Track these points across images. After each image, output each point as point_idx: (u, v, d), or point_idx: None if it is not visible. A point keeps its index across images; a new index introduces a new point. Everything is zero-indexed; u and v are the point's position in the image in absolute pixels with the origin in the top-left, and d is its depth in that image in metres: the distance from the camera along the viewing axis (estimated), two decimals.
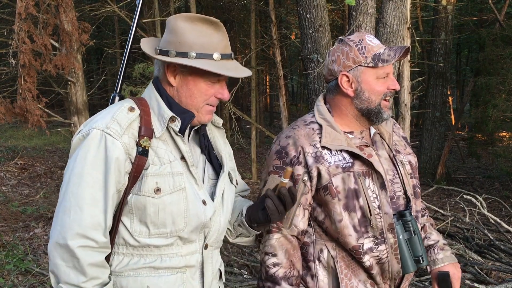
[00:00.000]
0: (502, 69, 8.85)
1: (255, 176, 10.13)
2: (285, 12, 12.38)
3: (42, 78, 8.07)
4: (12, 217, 6.42)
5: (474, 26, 12.58)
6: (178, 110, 1.47)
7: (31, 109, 5.81)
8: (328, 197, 1.66)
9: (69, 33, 6.43)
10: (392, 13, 3.89)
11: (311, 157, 1.67)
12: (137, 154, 1.38)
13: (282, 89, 9.38)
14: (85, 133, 1.39)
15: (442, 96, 10.40)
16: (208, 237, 1.51)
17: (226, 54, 1.46)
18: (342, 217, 1.65)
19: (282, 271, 1.69)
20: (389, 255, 1.68)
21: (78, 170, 1.35)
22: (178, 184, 1.42)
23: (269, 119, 19.93)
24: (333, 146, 1.67)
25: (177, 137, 1.46)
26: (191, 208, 1.43)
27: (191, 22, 1.44)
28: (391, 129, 1.84)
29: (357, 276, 1.71)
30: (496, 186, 9.57)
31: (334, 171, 1.66)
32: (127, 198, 1.40)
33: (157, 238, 1.42)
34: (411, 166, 1.82)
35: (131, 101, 1.48)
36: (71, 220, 1.33)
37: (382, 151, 1.77)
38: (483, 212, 5.02)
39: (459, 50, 20.21)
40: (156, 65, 1.53)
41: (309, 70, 4.19)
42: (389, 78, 1.71)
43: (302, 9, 4.19)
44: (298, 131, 1.73)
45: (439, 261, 1.85)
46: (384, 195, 1.68)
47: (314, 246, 1.73)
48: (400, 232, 1.69)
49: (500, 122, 9.14)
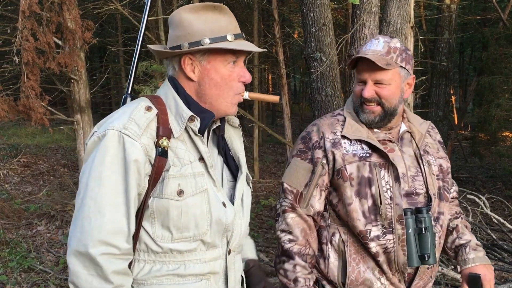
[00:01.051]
0: (505, 69, 8.82)
1: (257, 175, 10.13)
2: (288, 11, 12.35)
3: (45, 76, 8.08)
4: (15, 214, 6.44)
5: (477, 25, 12.54)
6: (197, 109, 1.42)
7: (34, 106, 5.81)
8: (340, 180, 1.75)
9: (72, 31, 6.43)
10: (396, 12, 3.88)
11: (329, 142, 1.79)
12: (157, 155, 1.33)
13: (284, 88, 9.37)
14: (100, 134, 1.33)
15: (445, 95, 10.37)
16: (231, 241, 1.46)
17: (238, 34, 1.43)
18: (352, 201, 1.73)
19: (297, 247, 1.78)
20: (395, 246, 1.72)
21: (96, 174, 1.29)
22: (200, 186, 1.37)
23: (271, 118, 19.92)
24: (352, 136, 1.77)
25: (196, 138, 1.41)
26: (213, 210, 1.39)
27: (195, 12, 1.40)
28: (425, 130, 1.90)
29: (366, 263, 1.76)
30: (499, 185, 9.55)
31: (350, 159, 1.75)
32: (147, 201, 1.34)
33: (180, 242, 1.37)
34: (441, 170, 1.86)
35: (147, 100, 1.41)
36: (92, 227, 1.27)
37: (408, 148, 1.83)
38: (486, 211, 5.01)
39: (462, 49, 20.15)
40: (169, 65, 1.47)
41: (312, 68, 4.18)
42: (366, 85, 1.77)
43: (305, 7, 4.19)
44: (324, 120, 1.87)
45: (470, 261, 1.84)
46: (398, 187, 1.73)
47: (328, 229, 1.82)
48: (411, 225, 1.72)
49: (503, 122, 9.12)
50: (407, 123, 1.88)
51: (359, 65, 1.79)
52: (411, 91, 1.83)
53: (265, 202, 7.65)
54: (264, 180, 9.91)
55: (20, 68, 5.90)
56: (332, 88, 4.22)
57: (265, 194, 8.58)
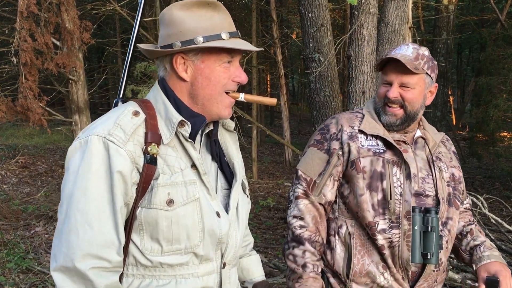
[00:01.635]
0: (503, 69, 8.84)
1: (256, 176, 10.13)
2: (286, 12, 12.37)
3: (43, 76, 8.07)
4: (13, 215, 6.43)
5: (475, 26, 12.58)
6: (188, 114, 1.34)
7: (32, 107, 5.81)
8: (354, 172, 1.80)
9: (71, 32, 6.43)
10: (394, 12, 3.89)
11: (346, 135, 1.84)
12: (145, 162, 1.25)
13: (283, 89, 9.38)
14: (83, 140, 1.25)
15: (443, 96, 10.40)
16: (225, 254, 1.37)
17: (233, 32, 1.35)
18: (364, 192, 1.78)
19: (308, 234, 1.81)
20: (400, 241, 1.75)
21: (82, 183, 1.21)
22: (192, 194, 1.29)
23: (270, 119, 19.92)
24: (369, 131, 1.83)
25: (187, 143, 1.32)
26: (206, 221, 1.30)
27: (188, 9, 1.32)
28: (439, 139, 1.94)
29: (370, 256, 1.79)
30: (497, 186, 9.56)
31: (365, 153, 1.81)
32: (135, 212, 1.26)
33: (170, 255, 1.28)
34: (453, 178, 1.90)
35: (135, 104, 1.34)
36: (80, 240, 1.19)
37: (421, 152, 1.88)
38: (484, 212, 5.02)
39: (461, 50, 20.20)
40: (160, 65, 1.39)
41: (311, 69, 4.19)
42: (392, 86, 1.81)
43: (304, 8, 4.19)
44: (343, 115, 1.93)
45: (485, 258, 1.83)
46: (408, 185, 1.77)
47: (336, 221, 1.86)
48: (418, 223, 1.75)
49: (501, 122, 9.14)
50: (422, 130, 1.92)
51: (387, 67, 1.82)
52: (432, 99, 1.89)
53: (264, 202, 7.65)
54: (262, 180, 9.91)
55: (18, 68, 5.90)
56: (331, 89, 4.23)
57: (264, 195, 8.58)
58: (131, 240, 1.28)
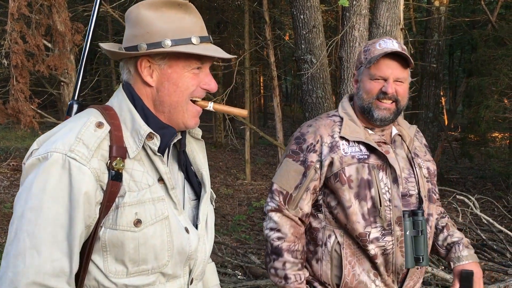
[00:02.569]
0: (494, 70, 8.90)
1: (249, 177, 10.13)
2: (279, 13, 12.38)
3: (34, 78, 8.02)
4: (4, 218, 6.38)
5: (466, 27, 12.65)
6: (157, 125, 1.24)
7: (23, 110, 5.77)
8: (338, 184, 1.75)
9: (62, 34, 6.40)
10: (385, 14, 3.90)
11: (327, 147, 1.77)
12: (109, 179, 1.14)
13: (276, 90, 9.39)
14: (41, 156, 1.12)
15: (435, 96, 10.45)
16: (193, 270, 1.30)
17: (205, 37, 1.25)
18: (351, 203, 1.73)
19: (286, 244, 1.78)
20: (394, 247, 1.74)
21: (34, 203, 1.09)
22: (161, 213, 1.20)
23: (263, 120, 19.93)
24: (351, 137, 1.77)
25: (155, 157, 1.22)
26: (175, 239, 1.22)
27: (156, 9, 1.22)
28: (413, 134, 1.92)
29: (362, 265, 1.77)
30: (488, 186, 9.63)
31: (349, 161, 1.75)
32: (98, 232, 1.15)
33: (136, 276, 1.19)
34: (429, 172, 1.89)
35: (97, 113, 1.21)
36: (27, 266, 1.07)
37: (401, 150, 1.86)
38: (476, 212, 5.05)
39: (452, 51, 20.31)
40: (123, 68, 1.28)
41: (303, 71, 4.20)
42: (387, 82, 1.77)
43: (295, 10, 4.20)
44: (320, 121, 1.85)
45: (463, 258, 1.87)
46: (396, 189, 1.75)
47: (323, 231, 1.81)
48: (409, 228, 1.75)
49: (493, 123, 9.20)
50: (397, 126, 1.90)
51: (379, 62, 1.77)
52: None
53: (257, 204, 7.65)
54: (255, 182, 9.91)
55: (9, 71, 5.86)
56: (323, 90, 4.24)
57: (257, 196, 8.58)
58: (93, 262, 1.17)
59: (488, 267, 4.28)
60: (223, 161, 12.44)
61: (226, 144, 13.78)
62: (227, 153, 13.45)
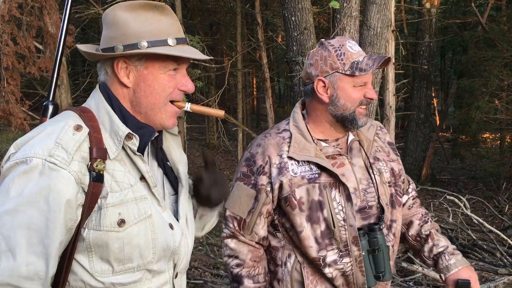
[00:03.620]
0: (485, 71, 8.98)
1: None
2: (271, 15, 12.41)
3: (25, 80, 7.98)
4: None
5: (457, 29, 12.75)
6: (135, 125, 1.25)
7: (14, 112, 5.74)
8: (288, 208, 1.67)
9: (53, 36, 6.37)
10: (376, 16, 3.93)
11: (276, 169, 1.68)
12: (91, 180, 1.15)
13: (268, 91, 9.40)
14: (19, 160, 1.12)
15: (427, 98, 10.52)
16: (177, 265, 1.33)
17: (181, 38, 1.26)
18: (303, 228, 1.65)
19: (245, 270, 1.73)
20: (353, 268, 1.67)
21: (10, 206, 1.09)
22: (144, 212, 1.22)
23: (256, 121, 19.94)
24: (299, 157, 1.66)
25: (136, 157, 1.24)
26: (160, 237, 1.24)
27: (133, 11, 1.23)
28: (373, 135, 1.81)
29: (323, 283, 1.71)
30: (479, 186, 9.70)
31: (299, 182, 1.66)
32: (82, 233, 1.17)
33: (122, 274, 1.21)
34: (393, 174, 1.80)
35: (75, 116, 1.22)
36: (1, 269, 1.08)
37: (358, 159, 1.75)
38: (467, 212, 5.09)
39: (443, 52, 20.44)
40: (101, 69, 1.29)
41: (295, 72, 4.21)
42: (367, 86, 1.69)
43: (287, 11, 4.21)
44: (269, 140, 1.73)
45: (452, 266, 1.80)
46: (350, 207, 1.66)
47: (283, 251, 1.74)
48: (365, 247, 1.68)
49: (483, 124, 9.28)
50: (355, 132, 1.78)
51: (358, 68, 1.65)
52: None
53: None
54: None
55: None
56: None
57: None
58: (78, 263, 1.19)
59: (479, 267, 4.32)
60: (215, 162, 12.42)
61: (219, 146, 13.77)
62: (219, 154, 13.44)
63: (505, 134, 10.24)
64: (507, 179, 8.89)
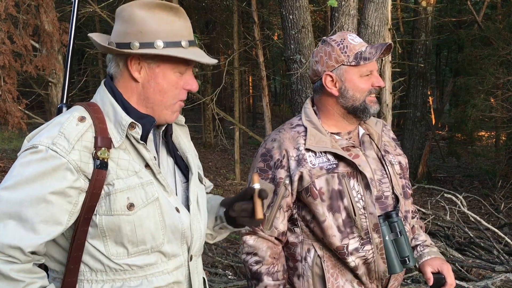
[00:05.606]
0: (480, 70, 9.01)
1: (239, 177, 10.13)
2: (268, 13, 12.41)
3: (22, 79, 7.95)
4: None
5: (453, 27, 12.78)
6: (136, 115, 1.31)
7: (11, 110, 5.72)
8: (310, 198, 1.68)
9: (50, 34, 6.35)
10: (373, 14, 3.94)
11: (294, 161, 1.70)
12: (95, 168, 1.22)
13: (265, 90, 9.40)
14: (28, 147, 1.24)
15: (423, 96, 10.55)
16: (191, 247, 1.39)
17: (192, 41, 1.32)
18: (326, 217, 1.67)
19: (265, 268, 1.73)
20: (375, 255, 1.70)
21: (10, 183, 1.19)
22: (151, 195, 1.29)
23: (252, 120, 19.94)
24: (317, 148, 1.69)
25: (139, 145, 1.30)
26: (167, 219, 1.31)
27: (149, 10, 1.27)
28: (381, 130, 1.87)
29: (344, 276, 1.73)
30: (475, 184, 9.75)
31: (318, 172, 1.68)
32: (95, 220, 1.25)
33: (137, 256, 1.29)
34: (401, 167, 1.84)
35: (81, 109, 1.30)
36: None
37: (370, 151, 1.79)
38: (463, 210, 5.11)
39: (439, 50, 20.51)
40: (111, 61, 1.34)
41: (292, 70, 4.22)
42: (373, 75, 1.74)
43: (285, 10, 4.22)
44: (284, 134, 1.76)
45: (425, 255, 1.85)
46: (369, 195, 1.69)
47: (302, 246, 1.75)
48: (386, 233, 1.71)
49: (479, 122, 9.32)
50: (364, 125, 1.84)
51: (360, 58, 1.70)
52: None
53: None
54: (245, 182, 9.92)
55: None
56: (312, 90, 4.26)
57: None
58: (95, 247, 1.26)
59: (476, 265, 4.34)
60: (212, 161, 12.43)
61: (216, 144, 13.77)
62: (216, 153, 13.44)
63: (500, 132, 10.29)
64: (502, 177, 8.93)
